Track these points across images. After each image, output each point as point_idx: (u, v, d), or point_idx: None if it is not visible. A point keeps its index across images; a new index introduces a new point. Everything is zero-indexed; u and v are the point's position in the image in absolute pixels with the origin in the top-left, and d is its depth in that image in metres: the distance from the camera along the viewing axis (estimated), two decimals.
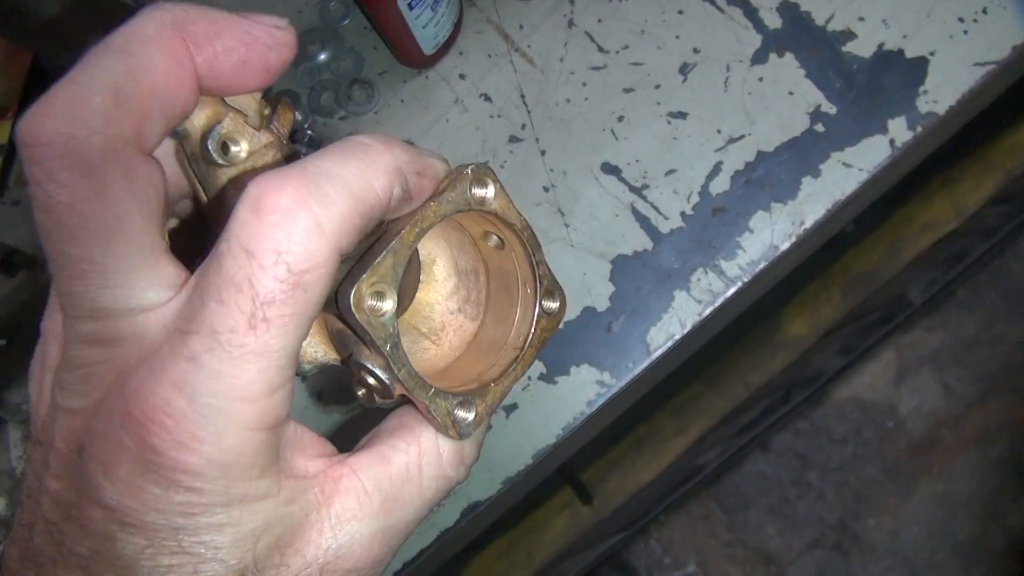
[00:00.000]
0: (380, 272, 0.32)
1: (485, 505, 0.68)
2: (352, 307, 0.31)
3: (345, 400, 0.71)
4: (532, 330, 0.41)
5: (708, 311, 0.67)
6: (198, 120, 0.35)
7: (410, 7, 0.68)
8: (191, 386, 0.28)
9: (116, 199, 0.29)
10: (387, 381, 0.35)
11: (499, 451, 0.67)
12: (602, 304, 0.68)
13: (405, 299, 0.42)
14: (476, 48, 0.76)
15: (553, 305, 0.41)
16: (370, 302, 0.32)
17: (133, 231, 0.30)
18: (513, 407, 0.68)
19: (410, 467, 0.36)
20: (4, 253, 0.86)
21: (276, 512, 0.31)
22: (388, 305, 0.32)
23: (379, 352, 0.33)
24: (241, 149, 0.36)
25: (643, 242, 0.69)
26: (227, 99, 0.36)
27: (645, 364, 0.67)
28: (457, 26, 0.75)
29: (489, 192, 0.36)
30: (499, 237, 0.40)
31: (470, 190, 0.35)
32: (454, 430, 0.36)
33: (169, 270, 0.31)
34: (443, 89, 0.75)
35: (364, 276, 0.31)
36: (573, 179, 0.71)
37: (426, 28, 0.71)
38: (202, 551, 0.29)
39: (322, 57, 0.78)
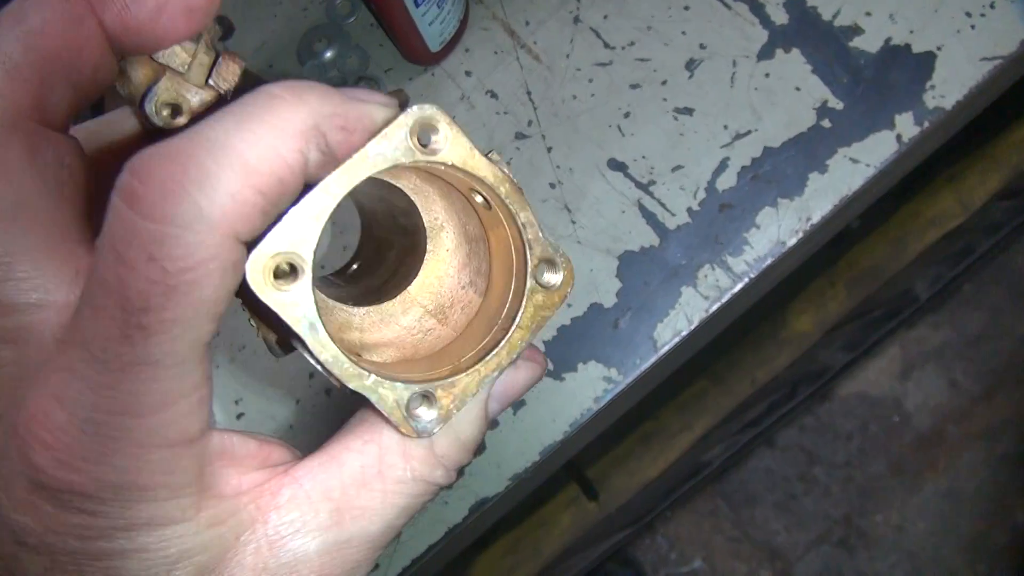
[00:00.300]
0: (287, 238, 0.27)
1: (493, 501, 0.68)
2: (249, 282, 0.26)
3: None
4: (523, 307, 0.33)
5: (715, 307, 0.67)
6: (136, 82, 0.31)
7: (416, 4, 0.68)
8: (71, 399, 0.24)
9: (16, 180, 0.26)
10: (319, 368, 0.29)
11: (507, 447, 0.68)
12: (609, 300, 0.68)
13: (410, 274, 0.38)
14: (482, 45, 0.76)
15: (553, 278, 0.33)
16: (274, 276, 0.27)
17: (37, 216, 0.26)
18: (521, 404, 0.68)
19: (367, 470, 0.30)
20: None
21: (196, 537, 0.27)
22: (300, 281, 0.27)
23: (294, 335, 0.28)
24: (181, 111, 0.32)
25: (650, 238, 0.69)
26: (160, 55, 0.32)
27: (652, 360, 0.67)
28: (463, 23, 0.75)
29: (440, 140, 0.29)
30: (483, 195, 0.33)
31: (410, 139, 0.28)
32: (408, 426, 0.31)
33: (82, 259, 0.27)
34: (449, 86, 0.75)
35: (262, 244, 0.26)
36: (579, 176, 0.71)
37: (432, 25, 0.71)
38: None
39: (328, 54, 0.78)
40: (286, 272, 0.27)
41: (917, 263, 1.36)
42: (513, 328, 0.33)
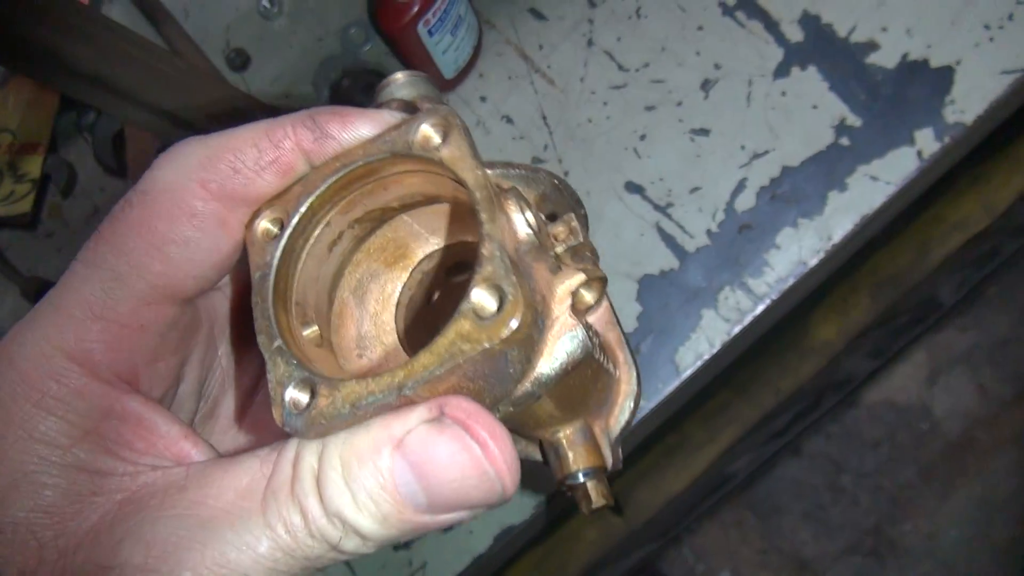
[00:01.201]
0: (283, 197, 0.31)
1: (519, 529, 0.68)
2: (244, 227, 0.31)
3: None
4: (443, 330, 0.26)
5: (737, 329, 0.67)
6: None
7: (430, 33, 0.68)
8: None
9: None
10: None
11: (531, 474, 0.67)
12: (629, 325, 0.68)
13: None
14: (496, 70, 0.76)
15: (489, 306, 0.26)
16: (264, 225, 0.31)
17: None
18: None
19: (255, 481, 0.27)
20: (38, 286, 0.87)
21: (58, 467, 0.28)
22: (281, 239, 0.30)
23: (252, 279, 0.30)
24: None
25: (669, 261, 0.69)
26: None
27: (675, 384, 0.67)
28: (477, 49, 0.76)
29: (441, 137, 0.29)
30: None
31: (416, 136, 0.29)
32: (279, 410, 0.27)
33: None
34: (465, 112, 0.75)
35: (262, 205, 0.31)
36: (597, 199, 0.71)
37: (446, 53, 0.71)
38: None
39: (344, 83, 0.79)
40: (272, 231, 0.31)
41: (942, 268, 1.34)
42: (430, 346, 0.26)
